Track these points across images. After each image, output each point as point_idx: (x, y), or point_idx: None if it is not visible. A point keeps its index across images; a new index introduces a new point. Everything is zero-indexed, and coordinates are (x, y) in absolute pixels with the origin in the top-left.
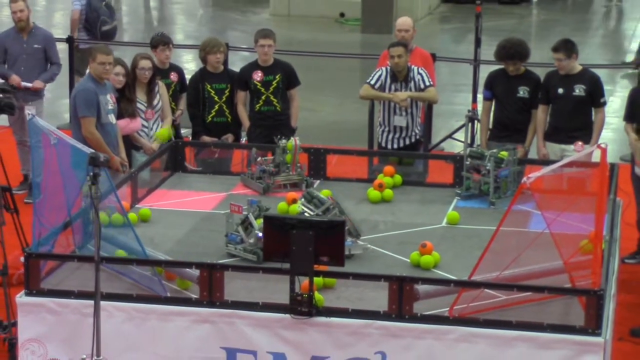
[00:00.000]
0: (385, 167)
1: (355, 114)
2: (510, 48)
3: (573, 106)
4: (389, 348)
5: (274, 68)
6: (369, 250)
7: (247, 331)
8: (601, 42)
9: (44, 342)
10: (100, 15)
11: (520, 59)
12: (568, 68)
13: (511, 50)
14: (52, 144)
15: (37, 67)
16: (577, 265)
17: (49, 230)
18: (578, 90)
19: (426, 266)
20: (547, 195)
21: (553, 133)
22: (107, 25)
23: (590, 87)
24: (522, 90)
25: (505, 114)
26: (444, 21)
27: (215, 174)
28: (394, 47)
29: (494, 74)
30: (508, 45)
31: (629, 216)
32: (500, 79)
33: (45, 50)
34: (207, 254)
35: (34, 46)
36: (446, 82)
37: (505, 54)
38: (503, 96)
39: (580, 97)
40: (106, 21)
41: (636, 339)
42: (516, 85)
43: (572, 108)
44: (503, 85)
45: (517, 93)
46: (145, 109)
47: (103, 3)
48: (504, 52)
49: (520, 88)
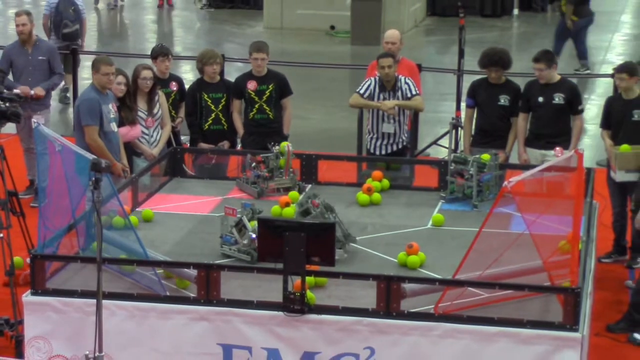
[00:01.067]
0: (374, 172)
1: (344, 121)
2: (494, 55)
3: (553, 114)
4: (378, 344)
5: (268, 78)
6: (359, 251)
7: (242, 328)
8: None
9: (49, 340)
10: (63, 18)
11: (503, 66)
12: (548, 77)
13: (495, 57)
14: (57, 151)
15: (42, 78)
16: (555, 265)
17: (54, 233)
18: (557, 99)
19: (412, 266)
20: (527, 198)
21: (534, 139)
22: (68, 28)
23: (569, 96)
24: (503, 98)
25: (487, 121)
26: (429, 33)
27: (212, 178)
28: (383, 58)
29: (477, 83)
30: (492, 53)
31: (604, 218)
32: (483, 87)
33: (49, 61)
34: (205, 254)
35: (39, 58)
36: (431, 92)
37: (489, 61)
38: (485, 104)
39: (560, 105)
40: (67, 24)
41: (612, 334)
42: (497, 93)
43: (552, 115)
44: (485, 93)
45: (498, 101)
46: (145, 117)
47: (71, 8)
48: (488, 59)
49: (501, 96)
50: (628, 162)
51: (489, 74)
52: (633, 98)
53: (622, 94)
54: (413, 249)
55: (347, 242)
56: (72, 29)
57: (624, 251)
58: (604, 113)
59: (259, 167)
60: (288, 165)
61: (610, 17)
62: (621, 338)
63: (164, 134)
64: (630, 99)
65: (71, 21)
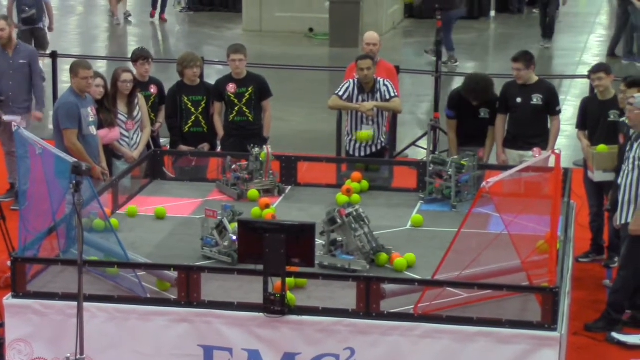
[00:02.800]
0: (353, 174)
1: (324, 123)
2: (478, 95)
3: (531, 114)
4: (358, 344)
5: (247, 81)
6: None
7: (223, 329)
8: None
9: (30, 342)
10: (22, 4)
11: (484, 101)
12: (526, 78)
13: (478, 97)
14: (37, 154)
15: (23, 81)
16: (534, 265)
17: (35, 236)
18: (535, 100)
19: (400, 268)
20: (506, 198)
21: (512, 140)
22: (25, 13)
23: (547, 97)
24: (483, 112)
25: (468, 131)
26: (407, 35)
27: (192, 181)
28: (362, 60)
29: (457, 96)
30: (476, 89)
31: (581, 218)
32: (463, 102)
33: (30, 65)
34: (185, 257)
35: (20, 62)
36: (409, 93)
37: (473, 98)
38: (466, 117)
39: (538, 105)
40: (25, 9)
41: (591, 333)
42: (477, 107)
43: (530, 116)
44: (465, 106)
45: (479, 115)
46: (125, 120)
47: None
48: (474, 95)
49: (482, 110)
50: (605, 162)
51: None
52: (609, 99)
53: (598, 94)
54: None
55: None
56: (30, 14)
57: (601, 251)
58: (579, 114)
59: (239, 169)
60: (268, 167)
61: (585, 18)
62: (599, 337)
63: (143, 136)
64: (606, 100)
65: (28, 6)
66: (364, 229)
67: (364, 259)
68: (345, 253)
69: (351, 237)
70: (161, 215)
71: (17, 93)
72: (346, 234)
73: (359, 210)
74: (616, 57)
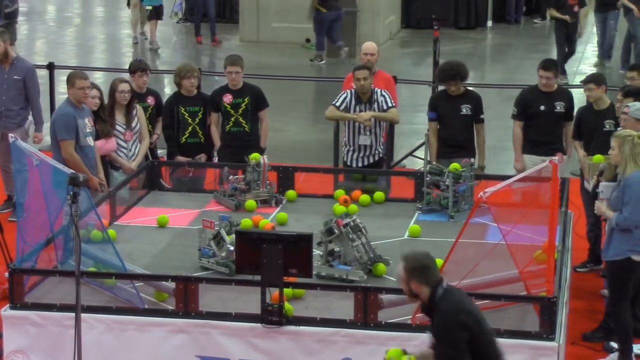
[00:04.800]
0: (353, 193)
1: (321, 134)
2: (451, 69)
3: (554, 121)
4: (355, 354)
5: (243, 91)
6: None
7: (221, 340)
8: None
9: (28, 353)
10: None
11: (461, 79)
12: (553, 86)
13: (452, 72)
14: (34, 165)
15: (17, 96)
16: (531, 274)
17: (32, 247)
18: (559, 107)
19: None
20: (503, 208)
21: (534, 147)
22: (9, 8)
23: (567, 104)
24: (465, 108)
25: (450, 132)
26: (404, 45)
27: (190, 191)
28: (359, 70)
29: (437, 96)
30: (448, 67)
31: (578, 228)
32: (443, 99)
33: (25, 81)
34: (183, 267)
35: (14, 77)
36: (406, 103)
37: (446, 75)
38: (448, 116)
39: (561, 113)
40: (8, 5)
41: (588, 343)
42: (459, 104)
43: (553, 123)
44: (446, 105)
45: (460, 111)
46: (124, 131)
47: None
48: (445, 73)
49: (463, 106)
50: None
51: (449, 87)
52: (604, 108)
53: (593, 104)
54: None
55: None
56: (12, 9)
57: (599, 260)
58: (575, 124)
59: (237, 180)
60: (265, 177)
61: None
62: (597, 347)
63: (142, 147)
64: (601, 109)
65: (10, 1)
66: (361, 239)
67: (362, 269)
68: (343, 263)
69: (349, 248)
70: (163, 223)
71: (10, 108)
72: (344, 244)
73: (356, 220)
74: None
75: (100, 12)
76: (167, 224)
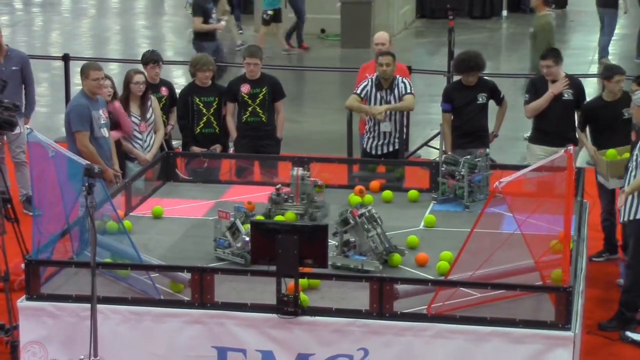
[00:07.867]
0: (371, 184)
1: (336, 124)
2: (470, 60)
3: (562, 110)
4: (371, 345)
5: (261, 81)
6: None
7: (236, 331)
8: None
9: (44, 344)
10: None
11: (479, 70)
12: (555, 74)
13: (471, 63)
14: (50, 157)
15: (16, 87)
16: (547, 264)
17: (48, 239)
18: (567, 95)
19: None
20: (518, 198)
21: (543, 137)
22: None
23: (576, 92)
24: (481, 97)
25: (467, 122)
26: (419, 35)
27: (205, 182)
28: (383, 56)
29: (451, 88)
30: (467, 58)
31: (593, 217)
32: (458, 90)
33: (22, 70)
34: (198, 258)
35: (12, 68)
36: (422, 93)
37: (465, 67)
38: (463, 106)
39: (569, 101)
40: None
41: (604, 332)
42: (474, 93)
43: (561, 112)
44: (462, 95)
45: (477, 100)
46: (139, 122)
47: None
48: (464, 64)
49: (479, 95)
50: (619, 169)
51: (466, 79)
52: (619, 97)
53: (609, 96)
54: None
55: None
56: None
57: (615, 249)
58: (582, 115)
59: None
60: (298, 192)
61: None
62: (613, 336)
63: (157, 138)
64: (617, 99)
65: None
66: (376, 229)
67: (377, 260)
68: (358, 254)
69: (364, 238)
70: (159, 214)
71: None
72: (359, 234)
73: (371, 210)
74: None
75: (115, 3)
76: (162, 215)
